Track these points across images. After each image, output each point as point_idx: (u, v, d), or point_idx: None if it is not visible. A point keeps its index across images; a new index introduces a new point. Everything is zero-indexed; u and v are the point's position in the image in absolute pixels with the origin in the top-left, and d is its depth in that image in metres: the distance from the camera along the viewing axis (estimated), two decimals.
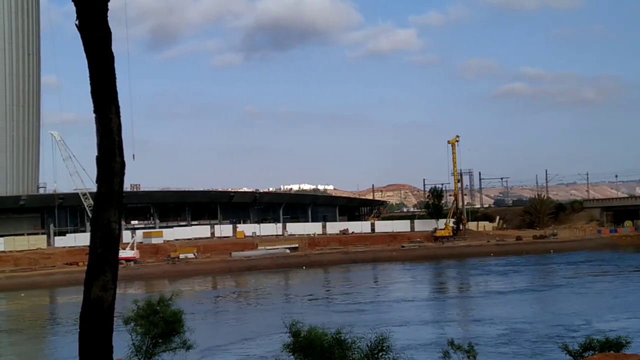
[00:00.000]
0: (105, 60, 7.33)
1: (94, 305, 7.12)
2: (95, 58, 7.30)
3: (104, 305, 7.13)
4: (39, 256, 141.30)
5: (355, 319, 70.13)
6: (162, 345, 24.04)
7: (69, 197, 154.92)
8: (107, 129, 7.32)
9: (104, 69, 7.32)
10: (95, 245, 7.17)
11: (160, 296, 24.42)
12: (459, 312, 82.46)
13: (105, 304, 7.14)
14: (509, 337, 62.23)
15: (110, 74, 7.39)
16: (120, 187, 7.33)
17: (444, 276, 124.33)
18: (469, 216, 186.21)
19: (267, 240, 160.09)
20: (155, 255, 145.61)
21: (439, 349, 23.02)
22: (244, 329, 72.67)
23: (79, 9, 7.17)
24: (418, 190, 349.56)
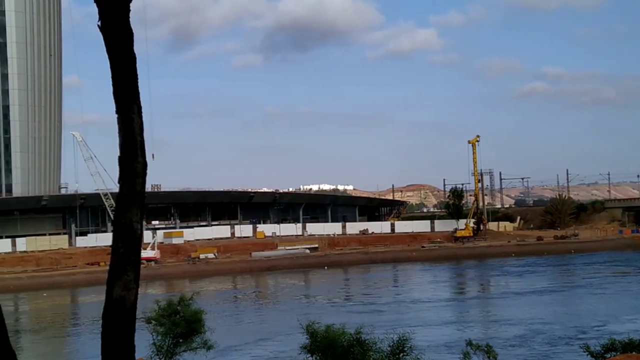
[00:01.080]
0: (127, 60, 7.36)
1: (116, 304, 7.16)
2: (118, 59, 7.33)
3: (126, 305, 7.16)
4: (61, 256, 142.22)
5: (375, 319, 70.02)
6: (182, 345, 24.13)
7: (91, 197, 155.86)
8: (129, 129, 7.36)
9: (126, 69, 7.35)
10: (118, 245, 7.19)
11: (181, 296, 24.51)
12: (479, 313, 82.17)
13: (127, 303, 7.17)
14: (528, 337, 61.90)
15: (132, 74, 7.42)
16: (142, 188, 7.35)
17: (464, 277, 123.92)
18: (489, 216, 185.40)
19: (287, 240, 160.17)
20: (175, 255, 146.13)
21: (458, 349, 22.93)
22: (261, 329, 72.76)
23: (101, 10, 7.21)
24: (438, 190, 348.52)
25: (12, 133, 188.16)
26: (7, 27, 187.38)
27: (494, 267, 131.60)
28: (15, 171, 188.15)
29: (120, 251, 7.20)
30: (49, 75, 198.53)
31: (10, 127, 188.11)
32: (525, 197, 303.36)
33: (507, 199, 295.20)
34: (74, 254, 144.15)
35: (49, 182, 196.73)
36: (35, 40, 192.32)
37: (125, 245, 7.22)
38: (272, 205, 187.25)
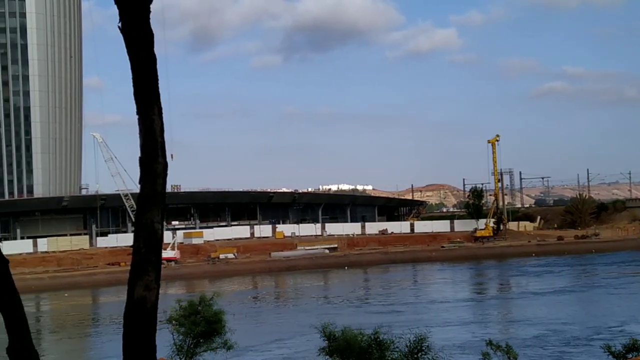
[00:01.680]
0: (147, 62, 7.40)
1: (137, 304, 7.19)
2: (138, 60, 7.37)
3: (148, 305, 7.19)
4: (82, 256, 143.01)
5: (394, 319, 69.96)
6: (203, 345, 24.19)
7: (111, 198, 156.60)
8: (150, 130, 7.39)
9: (147, 70, 7.39)
10: (139, 246, 7.23)
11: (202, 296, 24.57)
12: (498, 313, 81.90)
13: (148, 303, 7.20)
14: (547, 338, 61.64)
15: (152, 75, 7.46)
16: (163, 188, 7.39)
17: (483, 277, 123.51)
18: (509, 216, 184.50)
19: (306, 240, 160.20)
20: (195, 255, 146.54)
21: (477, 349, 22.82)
22: (278, 330, 72.85)
23: (122, 12, 7.25)
24: (458, 190, 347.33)
25: (33, 134, 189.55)
26: (28, 29, 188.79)
27: (514, 267, 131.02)
28: (36, 172, 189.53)
29: (141, 251, 7.24)
30: (70, 76, 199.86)
31: (31, 128, 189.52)
32: (546, 196, 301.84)
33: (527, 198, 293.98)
34: (94, 255, 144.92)
35: (69, 183, 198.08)
36: (55, 42, 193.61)
37: (146, 246, 7.25)
38: (291, 206, 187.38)
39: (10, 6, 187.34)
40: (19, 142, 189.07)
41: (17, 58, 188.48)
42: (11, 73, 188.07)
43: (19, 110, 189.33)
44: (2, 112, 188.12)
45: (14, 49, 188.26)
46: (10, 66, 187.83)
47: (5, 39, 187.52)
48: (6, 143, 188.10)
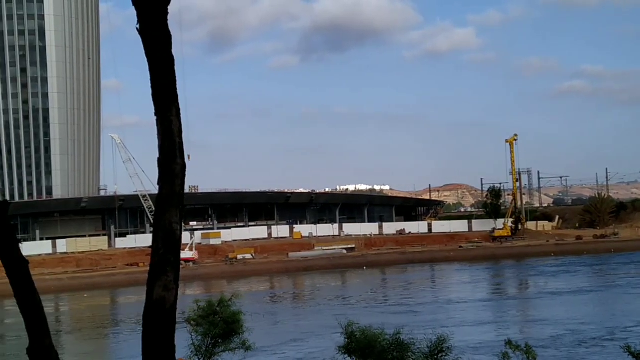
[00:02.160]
0: (165, 63, 7.43)
1: (156, 305, 7.22)
2: (156, 61, 7.40)
3: (166, 305, 7.22)
4: (101, 257, 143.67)
5: (412, 319, 69.83)
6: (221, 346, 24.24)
7: (129, 198, 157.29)
8: (168, 131, 7.42)
9: (165, 71, 7.42)
10: (158, 246, 7.25)
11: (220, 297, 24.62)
12: (516, 313, 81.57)
13: (167, 304, 7.23)
14: (565, 338, 61.31)
15: (170, 76, 7.49)
16: (181, 189, 7.41)
17: (502, 277, 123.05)
18: (527, 216, 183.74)
19: (324, 240, 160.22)
20: (213, 256, 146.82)
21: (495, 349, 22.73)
22: (294, 330, 72.84)
23: (140, 13, 7.28)
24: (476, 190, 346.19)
25: (52, 136, 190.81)
26: (47, 31, 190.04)
27: (532, 267, 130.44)
28: (55, 173, 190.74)
29: (160, 252, 7.26)
30: (88, 78, 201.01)
31: (50, 130, 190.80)
32: (564, 196, 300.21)
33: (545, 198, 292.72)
34: (113, 255, 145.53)
35: (88, 184, 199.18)
36: (74, 43, 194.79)
37: (165, 246, 7.28)
38: (308, 206, 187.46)
39: (29, 8, 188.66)
40: (38, 143, 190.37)
41: (35, 60, 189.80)
42: (30, 75, 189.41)
43: (38, 112, 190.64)
44: (21, 114, 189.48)
45: (32, 51, 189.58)
46: (29, 68, 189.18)
47: (24, 41, 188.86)
48: (25, 145, 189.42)
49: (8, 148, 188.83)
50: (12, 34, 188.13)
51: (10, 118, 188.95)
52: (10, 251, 6.97)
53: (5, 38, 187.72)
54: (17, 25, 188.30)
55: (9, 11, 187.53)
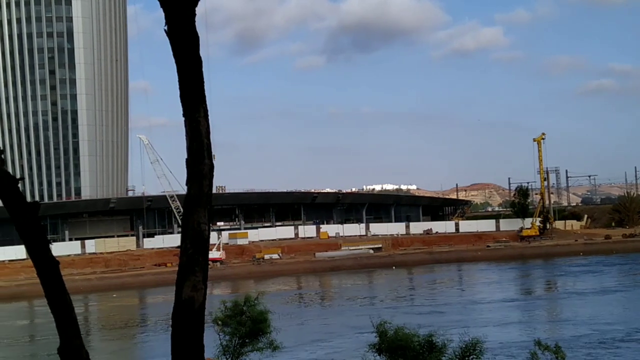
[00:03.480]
0: (193, 64, 7.48)
1: (185, 305, 7.27)
2: (184, 62, 7.45)
3: (195, 305, 7.27)
4: (129, 257, 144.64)
5: (439, 319, 69.58)
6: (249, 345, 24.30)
7: (157, 199, 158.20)
8: (196, 132, 7.47)
9: (193, 73, 7.47)
10: (186, 247, 7.31)
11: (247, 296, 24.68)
12: (544, 313, 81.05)
13: (196, 303, 7.27)
14: (595, 338, 60.81)
15: (198, 77, 7.54)
16: (210, 189, 7.46)
17: (529, 276, 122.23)
18: (555, 215, 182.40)
19: (351, 240, 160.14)
20: (240, 256, 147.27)
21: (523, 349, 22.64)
22: (317, 330, 72.86)
23: (168, 15, 7.33)
24: (503, 189, 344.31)
25: (81, 137, 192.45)
26: (75, 33, 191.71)
27: (560, 266, 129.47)
28: (83, 174, 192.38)
29: (188, 252, 7.31)
30: (116, 79, 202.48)
31: (78, 131, 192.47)
32: (593, 195, 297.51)
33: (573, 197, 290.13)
34: (141, 255, 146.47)
35: (116, 185, 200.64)
36: (101, 45, 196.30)
37: (193, 246, 7.32)
38: (335, 206, 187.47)
39: (57, 11, 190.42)
40: (66, 145, 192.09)
41: (64, 62, 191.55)
42: (58, 77, 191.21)
43: (67, 114, 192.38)
44: (50, 116, 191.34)
45: (61, 53, 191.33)
46: (58, 70, 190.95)
47: (53, 44, 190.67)
48: (54, 146, 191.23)
49: (37, 149, 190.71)
50: (40, 37, 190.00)
51: (39, 120, 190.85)
52: (41, 252, 7.04)
53: (34, 40, 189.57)
54: (46, 28, 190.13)
55: (38, 14, 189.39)
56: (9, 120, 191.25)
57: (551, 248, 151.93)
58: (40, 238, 7.01)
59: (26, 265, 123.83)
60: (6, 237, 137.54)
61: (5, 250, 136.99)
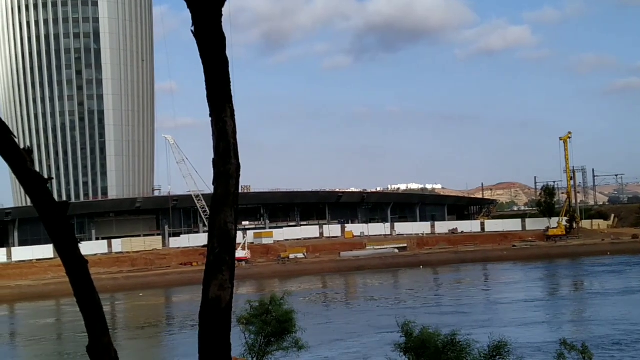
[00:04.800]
0: (220, 64, 7.52)
1: (212, 304, 7.31)
2: (211, 63, 7.50)
3: (222, 304, 7.31)
4: (155, 257, 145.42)
5: (464, 319, 69.37)
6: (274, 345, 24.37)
7: (183, 199, 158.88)
8: (223, 132, 7.51)
9: (219, 73, 7.51)
10: (213, 246, 7.35)
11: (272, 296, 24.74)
12: (570, 313, 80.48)
13: (223, 303, 7.31)
14: (622, 338, 60.29)
15: (225, 78, 7.58)
16: (236, 189, 7.50)
17: (556, 276, 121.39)
18: (582, 214, 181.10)
19: (376, 240, 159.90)
20: (265, 255, 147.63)
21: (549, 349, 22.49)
22: (338, 330, 72.82)
23: (195, 16, 7.38)
24: (529, 188, 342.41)
25: (107, 137, 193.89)
26: (101, 33, 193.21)
27: (587, 266, 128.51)
28: (110, 174, 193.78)
29: (215, 251, 7.35)
30: (142, 80, 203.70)
31: (105, 131, 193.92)
32: (620, 194, 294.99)
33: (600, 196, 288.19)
34: (167, 255, 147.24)
35: (142, 185, 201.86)
36: (128, 46, 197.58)
37: (220, 246, 7.36)
38: (360, 205, 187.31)
39: (84, 12, 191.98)
40: (93, 145, 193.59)
41: (90, 63, 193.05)
42: (85, 77, 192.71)
43: (93, 114, 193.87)
44: (77, 116, 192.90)
45: (87, 54, 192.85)
46: (84, 70, 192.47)
47: (80, 44, 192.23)
48: (81, 146, 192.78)
49: (64, 149, 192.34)
50: (67, 37, 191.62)
51: (66, 120, 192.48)
52: (70, 251, 7.11)
53: (60, 41, 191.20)
54: (73, 29, 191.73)
55: (65, 14, 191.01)
56: (36, 121, 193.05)
57: (578, 248, 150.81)
58: (69, 237, 7.08)
59: (53, 264, 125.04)
60: (34, 237, 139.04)
61: (33, 249, 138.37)
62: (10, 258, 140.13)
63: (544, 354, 50.60)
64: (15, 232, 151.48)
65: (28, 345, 79.49)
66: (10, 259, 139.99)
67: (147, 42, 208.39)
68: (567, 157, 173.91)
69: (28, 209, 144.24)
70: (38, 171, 7.03)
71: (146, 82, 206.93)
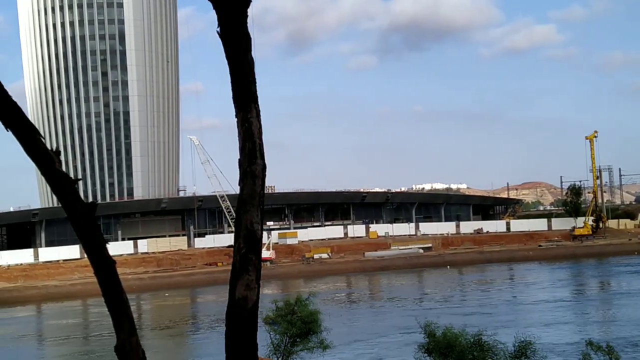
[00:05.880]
0: (245, 65, 7.54)
1: (239, 304, 7.32)
2: (236, 63, 7.51)
3: (249, 304, 7.31)
4: (180, 257, 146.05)
5: (490, 320, 69.04)
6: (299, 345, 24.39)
7: (208, 199, 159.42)
8: (249, 132, 7.52)
9: (245, 73, 7.53)
10: (239, 246, 7.35)
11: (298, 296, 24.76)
12: (596, 313, 79.89)
13: (249, 302, 7.31)
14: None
15: (250, 78, 7.59)
16: (262, 189, 7.50)
17: (582, 276, 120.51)
18: (608, 214, 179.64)
19: (400, 240, 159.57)
20: (290, 255, 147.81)
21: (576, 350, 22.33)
22: (360, 330, 72.77)
23: (220, 17, 7.40)
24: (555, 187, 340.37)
25: (133, 138, 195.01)
26: (127, 35, 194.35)
27: (613, 266, 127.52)
28: (136, 175, 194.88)
29: (241, 251, 7.36)
30: (167, 81, 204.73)
31: (130, 132, 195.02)
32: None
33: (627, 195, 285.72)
34: (192, 255, 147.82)
35: (168, 185, 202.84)
36: (153, 47, 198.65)
37: (246, 246, 7.37)
38: (384, 205, 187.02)
39: (109, 14, 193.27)
40: (119, 146, 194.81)
41: (116, 64, 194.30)
42: (111, 79, 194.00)
43: (119, 115, 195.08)
44: (103, 117, 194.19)
45: (113, 55, 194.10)
46: (110, 72, 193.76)
47: (105, 46, 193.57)
48: (107, 147, 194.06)
49: (90, 150, 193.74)
50: (93, 39, 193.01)
51: (92, 121, 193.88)
52: (98, 251, 7.15)
53: (86, 42, 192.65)
54: (98, 30, 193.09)
55: (90, 16, 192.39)
56: (62, 122, 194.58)
57: (604, 247, 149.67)
58: (97, 238, 7.12)
59: (80, 264, 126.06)
60: (61, 237, 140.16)
61: (60, 250, 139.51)
62: (38, 258, 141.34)
63: (569, 354, 50.30)
64: (42, 232, 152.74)
65: (55, 345, 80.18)
66: (38, 259, 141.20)
67: (172, 43, 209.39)
68: (593, 156, 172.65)
69: (55, 210, 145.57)
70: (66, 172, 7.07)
71: (171, 83, 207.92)
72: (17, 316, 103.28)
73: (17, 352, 74.86)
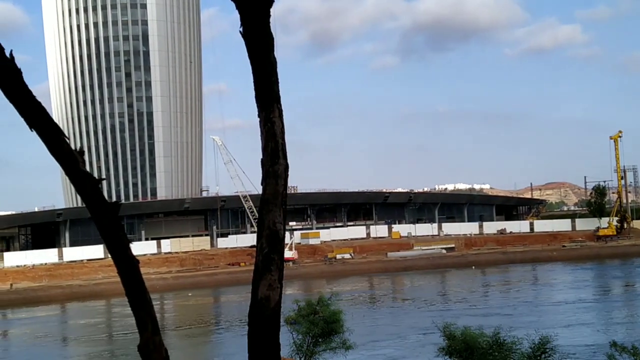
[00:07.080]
0: (268, 65, 7.55)
1: (261, 304, 7.33)
2: (259, 63, 7.52)
3: (271, 304, 7.32)
4: (203, 257, 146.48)
5: (512, 320, 68.61)
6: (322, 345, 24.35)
7: (230, 199, 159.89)
8: (271, 132, 7.53)
9: (268, 73, 7.54)
10: (262, 246, 7.36)
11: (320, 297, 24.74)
12: (620, 314, 79.18)
13: (272, 302, 7.33)
14: None
15: (273, 78, 7.61)
16: (285, 189, 7.51)
17: (606, 277, 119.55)
18: (633, 214, 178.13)
19: (423, 240, 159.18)
20: (312, 255, 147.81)
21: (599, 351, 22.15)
22: (380, 330, 72.51)
23: (243, 17, 7.42)
24: (579, 188, 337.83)
25: (156, 138, 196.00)
26: (150, 36, 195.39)
27: (638, 266, 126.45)
28: (159, 175, 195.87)
29: (264, 251, 7.37)
30: (190, 81, 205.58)
31: (154, 132, 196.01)
32: None
33: None
34: (215, 255, 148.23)
35: (191, 185, 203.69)
36: (176, 48, 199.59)
37: (269, 246, 7.38)
38: (407, 205, 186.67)
39: (132, 15, 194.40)
40: (142, 146, 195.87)
41: (139, 65, 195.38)
42: (134, 79, 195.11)
43: (142, 116, 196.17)
44: (126, 118, 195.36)
45: (136, 56, 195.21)
46: (133, 73, 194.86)
47: (129, 47, 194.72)
48: (130, 147, 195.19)
49: (114, 151, 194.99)
50: (116, 40, 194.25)
51: (115, 122, 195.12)
52: (122, 251, 7.18)
53: (110, 43, 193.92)
54: (122, 31, 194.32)
55: (114, 17, 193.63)
56: (86, 123, 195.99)
57: (629, 248, 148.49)
58: (121, 238, 7.15)
59: (104, 264, 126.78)
60: (85, 237, 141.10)
61: (84, 249, 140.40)
62: (62, 258, 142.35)
63: (593, 355, 49.91)
64: (66, 232, 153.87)
65: (79, 344, 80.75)
66: (62, 259, 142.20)
67: (195, 44, 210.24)
68: (617, 156, 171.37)
69: (79, 210, 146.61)
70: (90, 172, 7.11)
71: (194, 84, 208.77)
72: (41, 315, 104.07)
73: (41, 350, 75.49)
